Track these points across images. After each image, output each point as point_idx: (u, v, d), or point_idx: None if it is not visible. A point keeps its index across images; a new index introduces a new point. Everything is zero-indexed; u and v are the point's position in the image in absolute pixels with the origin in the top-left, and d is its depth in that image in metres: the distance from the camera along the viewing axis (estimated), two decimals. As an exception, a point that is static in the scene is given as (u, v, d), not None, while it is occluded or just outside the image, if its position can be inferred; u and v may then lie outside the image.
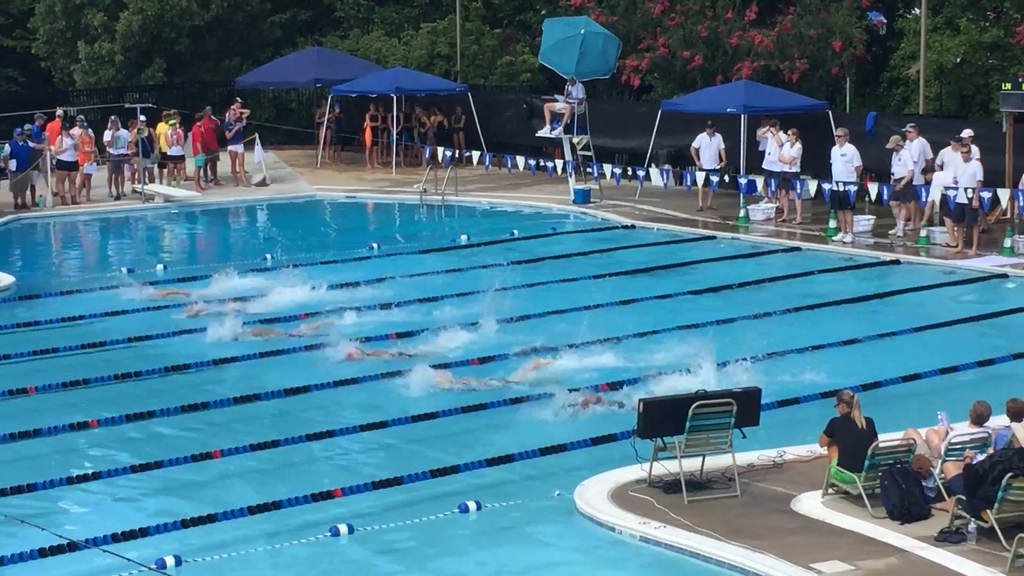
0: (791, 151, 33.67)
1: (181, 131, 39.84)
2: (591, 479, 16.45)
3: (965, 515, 14.62)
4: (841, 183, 31.59)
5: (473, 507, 15.96)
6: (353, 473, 17.33)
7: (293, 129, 48.02)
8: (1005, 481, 14.18)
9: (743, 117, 36.21)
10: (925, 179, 31.31)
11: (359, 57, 48.54)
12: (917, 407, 19.15)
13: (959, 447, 15.64)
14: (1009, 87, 31.75)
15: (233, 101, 42.56)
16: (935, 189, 30.27)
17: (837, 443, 15.79)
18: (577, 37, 38.36)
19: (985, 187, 29.85)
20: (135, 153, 38.62)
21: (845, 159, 32.25)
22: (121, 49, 47.62)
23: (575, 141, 38.60)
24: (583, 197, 37.23)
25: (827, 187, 31.80)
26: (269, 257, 30.57)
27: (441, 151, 38.85)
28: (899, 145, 31.57)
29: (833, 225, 32.09)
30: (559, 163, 37.48)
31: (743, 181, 34.20)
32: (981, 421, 16.10)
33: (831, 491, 15.87)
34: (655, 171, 35.95)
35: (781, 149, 33.83)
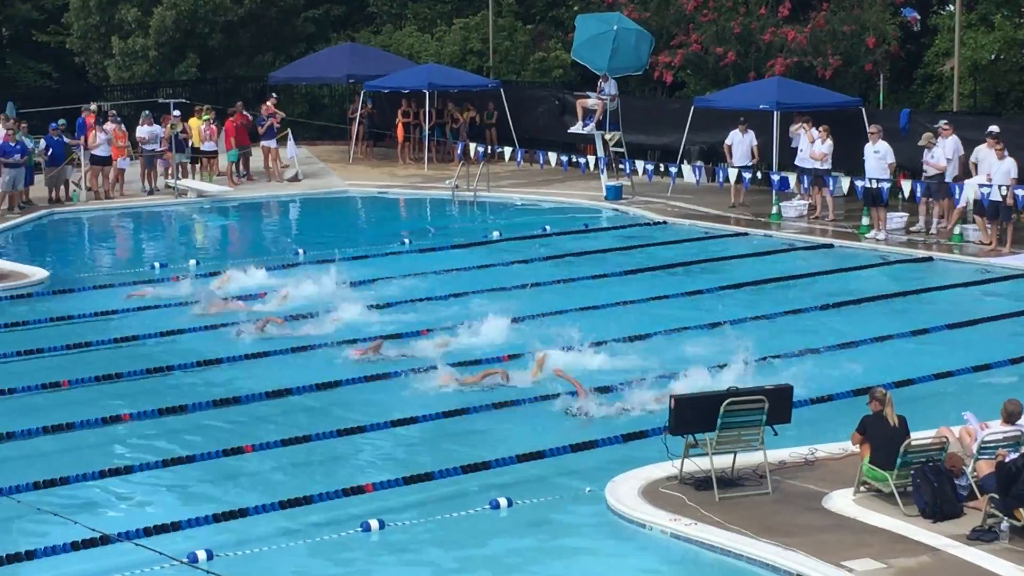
0: (822, 148, 33.57)
1: (214, 127, 39.95)
2: (622, 475, 16.44)
3: (998, 514, 14.56)
4: (874, 180, 31.49)
5: (504, 503, 15.96)
6: (384, 468, 17.36)
7: (326, 124, 48.08)
8: (1038, 480, 14.14)
9: (776, 114, 36.12)
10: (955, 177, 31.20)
11: (392, 53, 48.61)
12: (950, 405, 19.06)
13: (992, 445, 15.58)
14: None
15: (268, 97, 42.66)
16: (969, 188, 30.17)
17: (869, 441, 15.73)
18: (610, 33, 38.31)
19: (1019, 184, 29.73)
20: (168, 148, 38.73)
21: (878, 156, 32.12)
22: (155, 44, 47.76)
23: (607, 137, 38.56)
24: (615, 193, 37.21)
25: (860, 184, 31.69)
26: (301, 252, 30.66)
27: (473, 147, 38.86)
28: (931, 142, 31.46)
29: (866, 222, 32.01)
30: (591, 159, 37.47)
31: (775, 178, 34.11)
32: (1013, 419, 16.01)
33: (863, 489, 15.82)
34: (687, 167, 35.94)
35: (812, 146, 33.74)
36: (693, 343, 22.65)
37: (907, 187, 31.33)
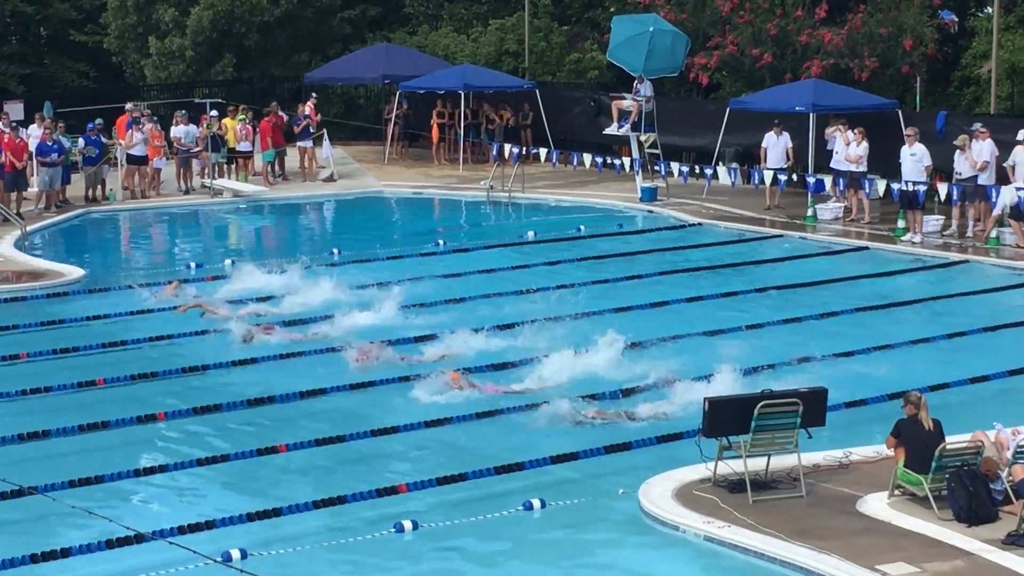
0: (856, 150, 33.47)
1: (250, 127, 40.06)
2: (656, 478, 16.42)
3: (1033, 518, 14.52)
4: (910, 183, 31.39)
5: (537, 505, 15.96)
6: (418, 469, 17.36)
7: (361, 125, 48.19)
8: (1074, 485, 14.08)
9: (812, 116, 36.03)
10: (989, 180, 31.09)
11: (427, 53, 48.71)
12: (985, 409, 19.00)
13: (1027, 450, 15.53)
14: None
15: (308, 97, 42.77)
16: (1006, 192, 30.05)
17: (904, 444, 15.69)
18: (646, 35, 38.28)
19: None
20: (203, 148, 38.86)
21: (915, 159, 32.01)
22: (191, 44, 47.95)
23: (642, 139, 38.55)
24: (650, 195, 37.18)
25: (896, 187, 31.59)
26: (336, 252, 30.74)
27: (508, 148, 38.88)
28: (965, 144, 31.34)
29: (902, 225, 31.91)
30: (626, 161, 37.45)
31: (811, 180, 34.03)
32: (1050, 424, 15.97)
33: (897, 492, 15.78)
34: (722, 169, 35.90)
35: (848, 148, 33.65)
36: (728, 345, 22.61)
37: (943, 190, 31.21)
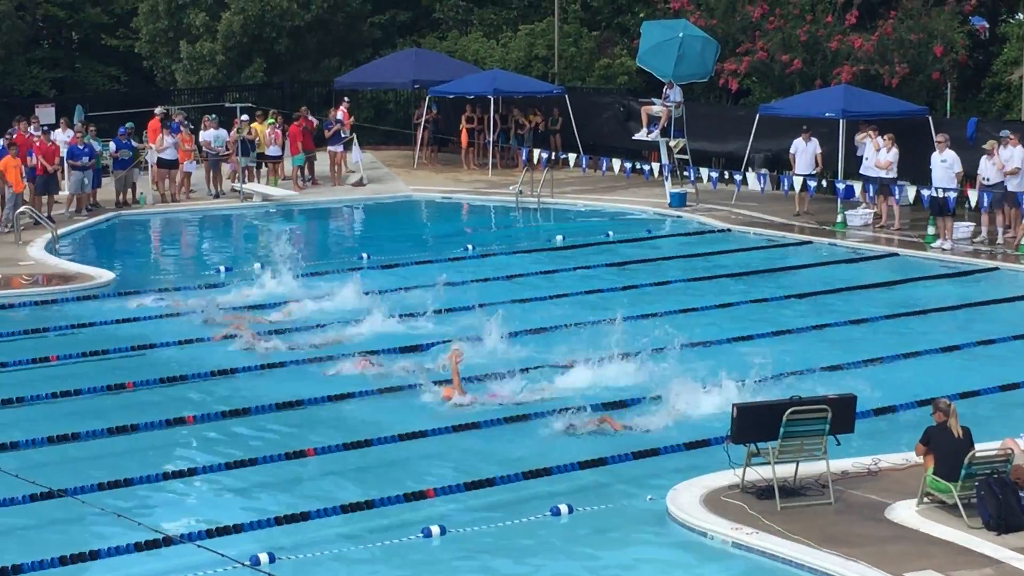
0: (887, 156, 33.39)
1: (279, 131, 40.14)
2: (684, 483, 16.40)
3: (1063, 527, 14.47)
4: (941, 189, 31.31)
5: (565, 510, 15.95)
6: (446, 474, 17.36)
7: (391, 130, 48.24)
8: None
9: (842, 122, 35.96)
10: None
11: (457, 58, 48.73)
12: (1015, 416, 18.93)
13: (1058, 458, 15.48)
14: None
15: (340, 101, 42.85)
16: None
17: (933, 452, 15.63)
18: (675, 40, 38.27)
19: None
20: (232, 152, 38.95)
21: (945, 165, 31.92)
22: (222, 49, 48.08)
23: (672, 144, 38.53)
24: (679, 200, 37.14)
25: (926, 193, 31.50)
26: (365, 256, 30.80)
27: (537, 153, 38.88)
28: (994, 148, 31.23)
29: (932, 231, 31.82)
30: (655, 166, 37.42)
31: (841, 186, 33.95)
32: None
33: (926, 500, 15.72)
34: (752, 175, 35.83)
35: (878, 154, 33.57)
36: (756, 351, 22.55)
37: (974, 197, 31.11)
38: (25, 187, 34.02)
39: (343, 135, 41.35)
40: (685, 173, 37.62)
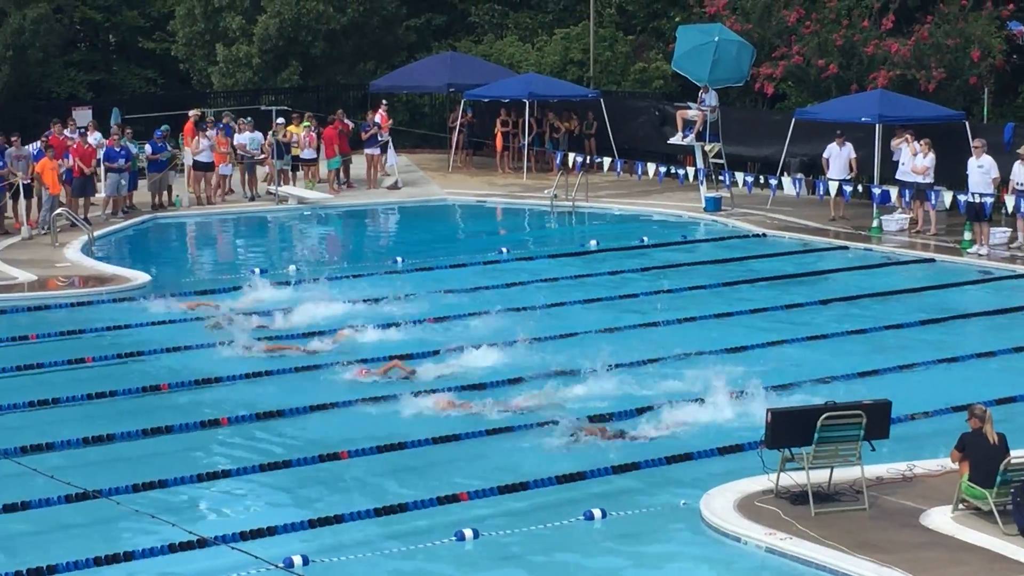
0: (923, 161, 33.28)
1: (314, 134, 40.22)
2: (717, 488, 16.37)
3: (1099, 535, 14.40)
4: (977, 195, 31.18)
5: (598, 514, 15.94)
6: (479, 477, 17.36)
7: (426, 133, 48.33)
8: None
9: (878, 127, 35.86)
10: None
11: (492, 62, 48.76)
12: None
13: (1094, 465, 15.39)
14: None
15: (378, 105, 42.91)
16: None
17: (968, 458, 15.57)
18: (711, 44, 38.20)
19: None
20: (268, 155, 39.05)
21: (982, 171, 31.79)
22: (258, 52, 48.26)
23: (707, 148, 38.48)
24: (714, 205, 37.09)
25: (963, 198, 31.38)
26: (399, 260, 30.85)
27: (572, 157, 38.88)
28: (1024, 154, 31.18)
29: (968, 237, 31.69)
30: (690, 170, 37.37)
31: (876, 191, 33.84)
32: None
33: (961, 506, 15.66)
34: (787, 180, 35.74)
35: (914, 159, 33.46)
36: (791, 356, 22.53)
37: (1011, 202, 30.96)
38: (62, 189, 34.20)
39: (380, 138, 41.41)
40: (720, 177, 37.58)
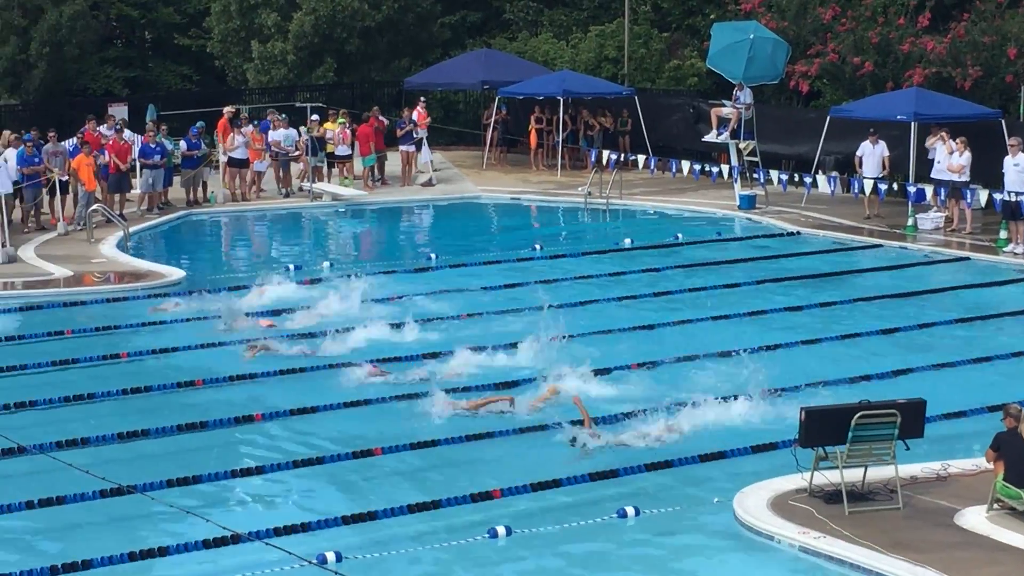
0: (959, 160, 33.15)
1: (348, 131, 40.27)
2: (751, 487, 16.35)
3: None
4: (1014, 193, 31.04)
5: (632, 512, 15.93)
6: (512, 474, 17.35)
7: (460, 130, 48.37)
8: None
9: (913, 125, 35.74)
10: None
11: (527, 59, 48.76)
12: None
13: None
14: None
15: (415, 102, 42.92)
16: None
17: (1003, 458, 15.51)
18: (746, 42, 38.10)
19: None
20: (302, 152, 39.13)
21: (1018, 169, 31.64)
22: (293, 49, 48.34)
23: (741, 146, 38.39)
24: (749, 203, 37.02)
25: (998, 197, 31.26)
26: (433, 256, 30.88)
27: (606, 154, 38.85)
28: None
29: (1004, 236, 31.56)
30: (725, 168, 37.31)
31: (912, 189, 33.73)
32: None
33: (996, 506, 15.61)
34: (822, 178, 35.65)
35: (950, 158, 33.34)
36: (825, 355, 22.47)
37: (1047, 201, 30.86)
38: (97, 185, 34.34)
39: (415, 135, 41.44)
40: (755, 175, 37.51)
